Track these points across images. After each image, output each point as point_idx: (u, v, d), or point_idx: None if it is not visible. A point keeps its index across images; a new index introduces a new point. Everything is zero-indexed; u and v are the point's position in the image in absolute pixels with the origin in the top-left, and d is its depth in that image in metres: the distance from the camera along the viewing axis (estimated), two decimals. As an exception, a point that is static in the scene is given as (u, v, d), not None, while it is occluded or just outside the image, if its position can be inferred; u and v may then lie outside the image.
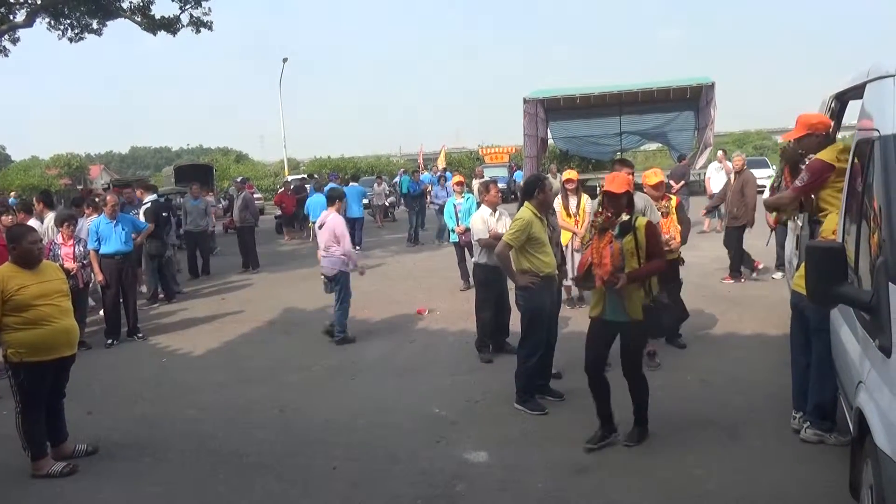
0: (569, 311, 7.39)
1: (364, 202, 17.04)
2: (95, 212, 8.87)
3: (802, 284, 3.07)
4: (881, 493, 2.50)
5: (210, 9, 17.86)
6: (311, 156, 51.84)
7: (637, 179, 5.97)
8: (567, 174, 7.77)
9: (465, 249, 9.00)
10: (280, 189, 20.77)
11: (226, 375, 6.43)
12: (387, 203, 21.69)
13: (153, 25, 17.46)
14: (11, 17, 16.69)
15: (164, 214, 11.41)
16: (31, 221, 7.69)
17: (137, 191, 11.16)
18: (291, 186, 19.57)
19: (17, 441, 4.43)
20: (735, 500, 3.62)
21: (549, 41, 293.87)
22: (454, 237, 9.51)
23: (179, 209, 12.93)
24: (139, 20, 17.38)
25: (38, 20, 16.98)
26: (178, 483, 4.25)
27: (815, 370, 4.03)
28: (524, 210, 5.03)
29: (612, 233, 4.15)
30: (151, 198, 10.60)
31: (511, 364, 5.32)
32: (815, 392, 4.05)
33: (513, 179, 25.60)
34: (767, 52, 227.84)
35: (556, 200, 7.06)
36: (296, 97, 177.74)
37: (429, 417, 5.05)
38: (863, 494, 2.90)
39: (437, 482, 4.02)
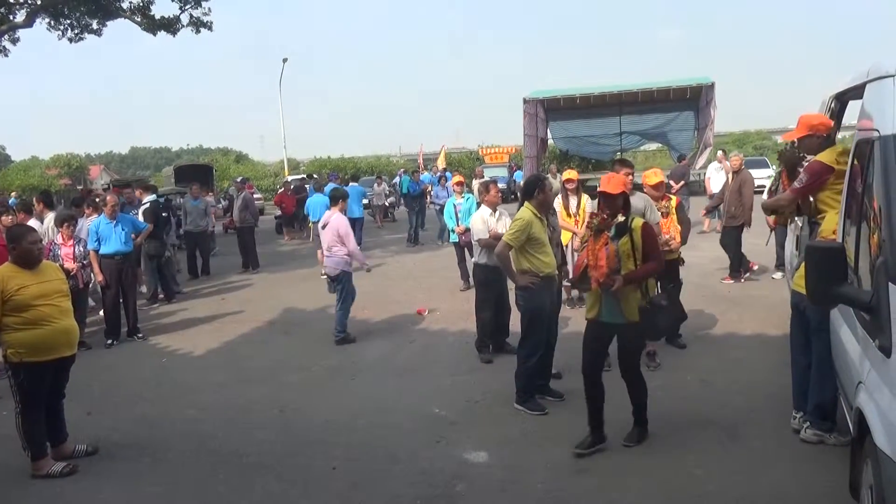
0: (569, 312, 7.39)
1: (364, 202, 17.04)
2: (95, 212, 8.88)
3: (803, 284, 3.07)
4: (881, 493, 2.50)
5: (210, 9, 17.89)
6: (311, 156, 51.87)
7: (637, 179, 5.98)
8: (567, 174, 7.77)
9: (465, 249, 9.00)
10: (280, 189, 20.78)
11: (226, 375, 6.44)
12: (387, 203, 21.70)
13: (153, 25, 17.48)
14: (11, 17, 16.70)
15: (164, 215, 11.43)
16: (31, 222, 7.69)
17: (137, 191, 11.17)
18: (291, 186, 19.57)
19: (17, 441, 4.43)
20: (735, 500, 3.62)
21: (549, 41, 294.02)
22: (454, 237, 9.52)
23: (179, 209, 12.94)
24: (139, 20, 17.39)
25: (38, 20, 16.99)
26: (178, 483, 4.25)
27: (816, 370, 4.02)
28: (524, 210, 5.03)
29: (608, 234, 4.12)
30: (150, 198, 10.60)
31: (511, 364, 5.32)
32: (816, 392, 4.05)
33: (513, 179, 25.60)
34: (767, 52, 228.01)
35: (557, 200, 7.06)
36: (296, 97, 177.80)
37: (429, 417, 5.05)
38: (863, 494, 2.90)
39: (437, 482, 4.02)
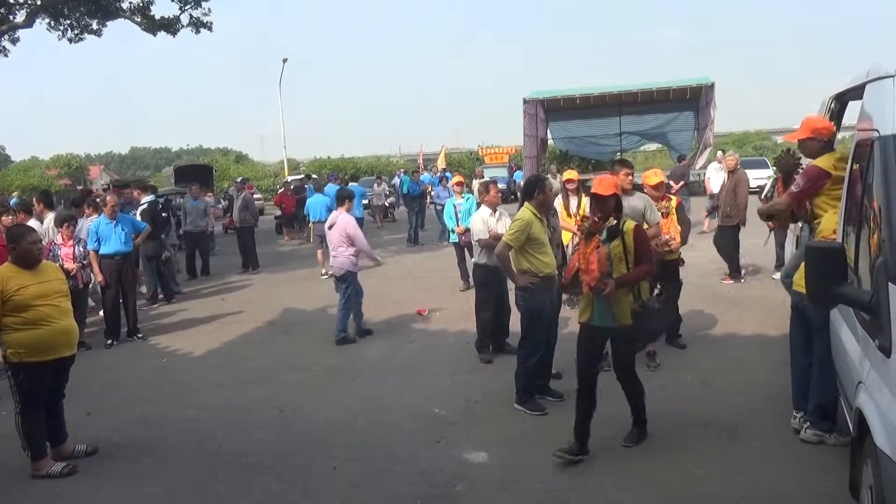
0: (569, 312, 7.37)
1: (364, 202, 17.05)
2: (96, 212, 8.88)
3: (804, 284, 3.07)
4: (881, 493, 2.50)
5: (210, 9, 17.90)
6: (311, 156, 51.91)
7: (637, 180, 5.97)
8: (567, 174, 7.76)
9: (465, 250, 9.00)
10: (280, 189, 20.78)
11: (226, 376, 6.44)
12: (387, 203, 21.71)
13: (153, 26, 17.48)
14: (11, 18, 16.70)
15: (164, 215, 11.43)
16: (31, 222, 7.68)
17: (135, 191, 11.15)
18: (291, 187, 19.57)
19: (17, 441, 4.43)
20: (735, 500, 3.62)
21: (549, 41, 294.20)
22: (454, 237, 9.52)
23: (179, 210, 12.93)
24: (139, 20, 17.39)
25: (38, 20, 16.99)
26: (178, 483, 4.25)
27: (817, 370, 4.02)
28: (524, 210, 5.03)
29: (600, 238, 4.06)
30: (149, 198, 10.58)
31: (511, 364, 5.32)
32: (817, 392, 4.05)
33: (513, 180, 25.58)
34: (767, 52, 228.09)
35: (557, 200, 7.05)
36: (296, 97, 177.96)
37: (429, 418, 5.05)
38: (863, 494, 2.90)
39: (437, 482, 4.02)
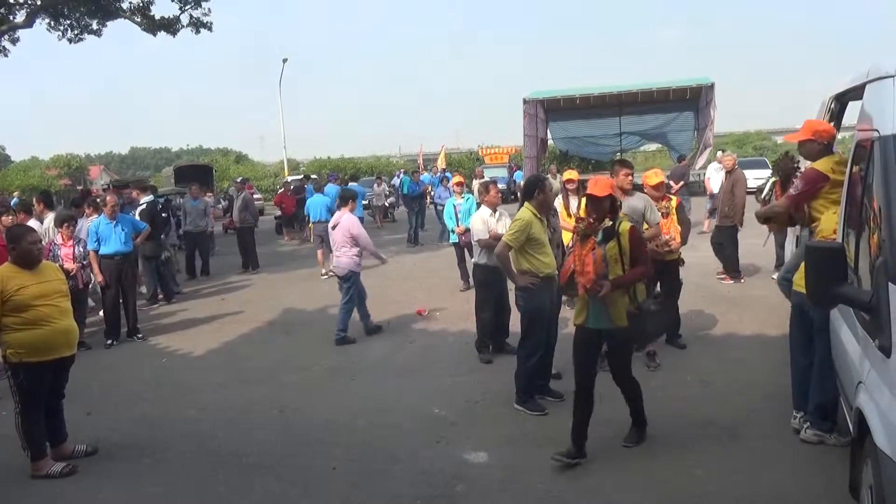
0: (569, 312, 7.31)
1: (364, 203, 17.04)
2: (96, 212, 8.87)
3: (804, 284, 3.07)
4: (881, 494, 2.50)
5: (210, 9, 17.91)
6: (311, 156, 51.91)
7: (637, 180, 5.97)
8: (567, 174, 7.77)
9: (465, 250, 9.00)
10: (280, 189, 20.78)
11: (225, 376, 6.43)
12: (386, 203, 21.71)
13: (153, 26, 17.48)
14: (11, 18, 16.71)
15: (164, 215, 11.42)
16: (31, 222, 7.68)
17: (134, 191, 11.14)
18: (291, 187, 19.58)
19: (17, 441, 4.43)
20: (735, 500, 3.62)
21: (549, 41, 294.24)
22: (454, 238, 9.52)
23: (179, 210, 12.93)
24: (139, 21, 17.40)
25: (38, 21, 17.00)
26: (178, 483, 4.25)
27: (818, 370, 4.02)
28: (524, 210, 5.03)
29: (595, 239, 4.03)
30: (148, 199, 10.57)
31: (511, 364, 5.32)
32: (817, 392, 4.05)
33: (513, 180, 25.58)
34: (767, 53, 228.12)
35: (557, 201, 7.06)
36: (296, 97, 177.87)
37: (429, 418, 5.05)
38: (863, 495, 2.90)
39: (437, 482, 4.02)
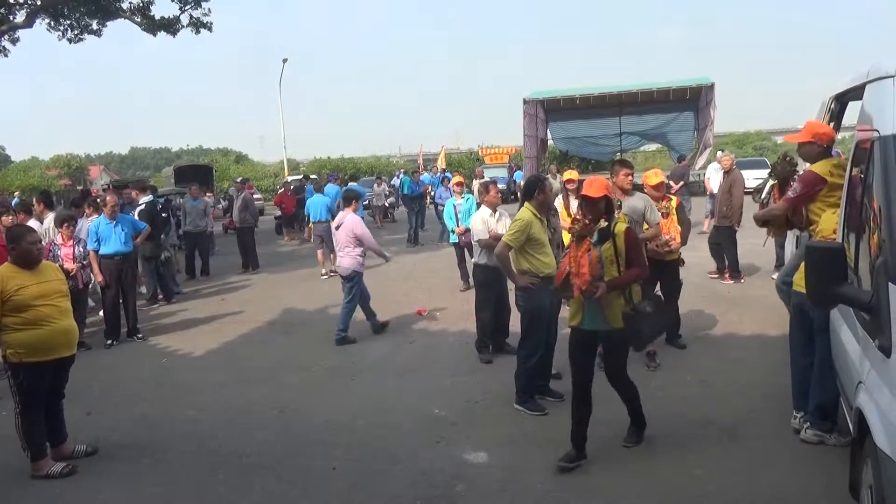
0: (568, 312, 7.38)
1: (364, 203, 17.04)
2: (96, 212, 8.87)
3: (804, 284, 3.07)
4: (881, 494, 2.50)
5: (210, 9, 17.93)
6: (311, 156, 51.91)
7: (637, 180, 5.97)
8: (568, 174, 7.76)
9: (465, 250, 9.00)
10: (280, 190, 20.79)
11: (225, 376, 6.43)
12: (386, 203, 21.72)
13: (153, 26, 17.50)
14: (11, 18, 16.72)
15: (164, 215, 11.42)
16: (31, 222, 7.68)
17: (133, 192, 11.14)
18: (291, 187, 19.58)
19: (17, 441, 4.43)
20: (735, 500, 3.62)
21: (549, 41, 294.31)
22: (454, 238, 9.51)
23: (179, 210, 12.93)
24: (139, 21, 17.41)
25: (38, 21, 17.01)
26: (178, 483, 4.25)
27: (819, 370, 4.02)
28: (524, 211, 5.03)
29: (591, 240, 4.01)
30: (146, 199, 10.56)
31: (511, 364, 5.32)
32: (817, 392, 4.05)
33: (513, 180, 25.59)
34: (767, 53, 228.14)
35: (557, 201, 7.05)
36: (296, 98, 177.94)
37: (429, 418, 5.05)
38: (863, 495, 2.90)
39: (437, 482, 4.02)
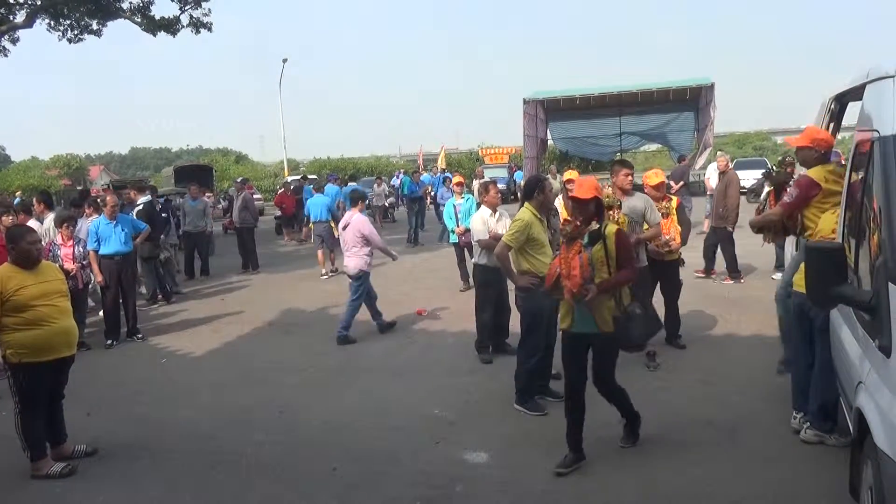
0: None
1: (364, 203, 17.03)
2: (96, 212, 8.87)
3: (804, 285, 3.07)
4: (881, 494, 2.49)
5: (210, 10, 17.97)
6: (311, 156, 51.92)
7: (637, 180, 5.98)
8: (568, 174, 7.76)
9: (465, 250, 9.00)
10: (280, 190, 20.79)
11: (225, 376, 6.43)
12: (386, 204, 21.72)
13: (153, 26, 17.52)
14: (11, 18, 16.73)
15: (164, 215, 11.42)
16: (31, 222, 7.68)
17: (131, 192, 11.14)
18: (291, 187, 19.58)
19: (17, 441, 4.43)
20: (735, 501, 3.62)
21: (550, 41, 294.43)
22: (454, 238, 9.51)
23: (179, 210, 12.92)
24: (139, 21, 17.43)
25: (38, 21, 17.03)
26: (178, 484, 4.24)
27: (819, 371, 4.01)
28: (524, 211, 5.03)
29: (582, 242, 3.98)
30: (145, 199, 10.55)
31: (511, 365, 5.31)
32: (818, 392, 4.04)
33: (513, 180, 25.61)
34: (767, 53, 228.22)
35: (557, 201, 7.05)
36: (296, 98, 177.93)
37: (428, 418, 5.05)
38: (863, 495, 2.90)
39: (437, 483, 4.02)
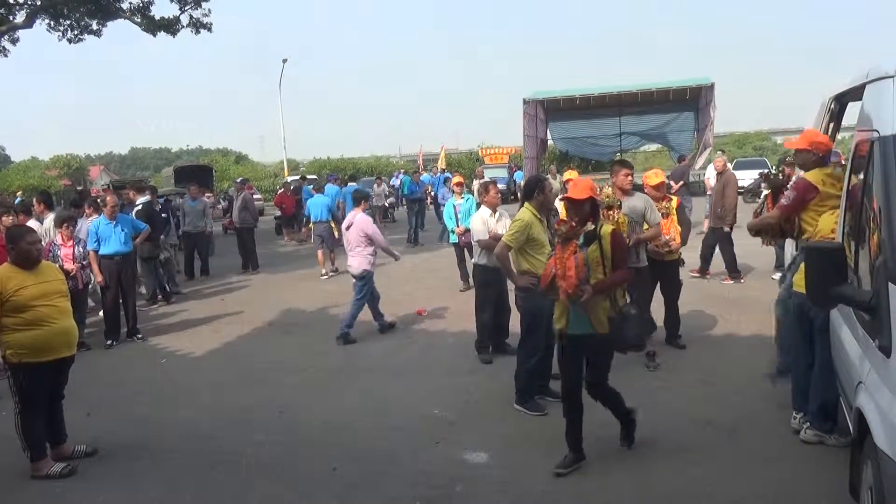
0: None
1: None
2: (96, 212, 8.87)
3: (804, 285, 3.07)
4: (881, 494, 2.49)
5: (210, 10, 17.98)
6: (311, 157, 51.94)
7: (637, 180, 5.98)
8: (568, 174, 7.78)
9: (465, 250, 9.00)
10: (280, 190, 20.80)
11: (225, 376, 6.43)
12: (386, 204, 21.73)
13: (153, 26, 17.53)
14: (11, 18, 16.73)
15: (164, 215, 11.41)
16: (31, 222, 7.68)
17: (130, 192, 11.13)
18: (291, 187, 19.58)
19: (17, 442, 4.43)
20: (735, 501, 3.62)
21: (550, 41, 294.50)
22: (454, 238, 9.51)
23: (178, 210, 12.92)
24: (139, 21, 17.43)
25: (38, 21, 17.03)
26: (178, 484, 4.24)
27: (820, 371, 4.01)
28: (524, 211, 5.03)
29: (577, 242, 3.96)
30: (143, 199, 10.55)
31: (510, 365, 5.31)
32: (819, 392, 4.04)
33: (513, 180, 25.59)
34: (767, 53, 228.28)
35: (558, 201, 7.05)
36: (296, 98, 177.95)
37: (428, 418, 5.05)
38: (863, 495, 2.90)
39: (437, 483, 4.02)
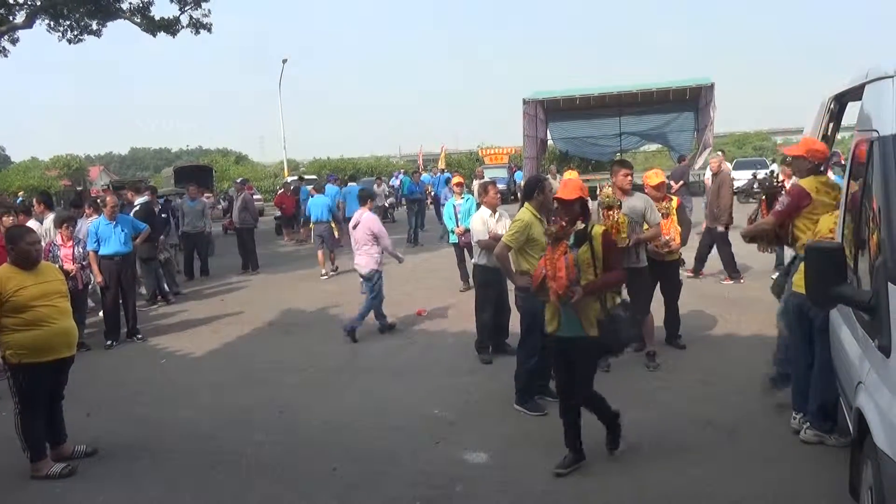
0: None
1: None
2: (96, 213, 8.87)
3: (804, 285, 3.07)
4: (881, 494, 2.49)
5: (209, 10, 17.97)
6: (311, 157, 51.97)
7: (637, 180, 5.98)
8: (568, 174, 7.78)
9: (465, 250, 9.00)
10: (280, 190, 20.80)
11: (225, 376, 6.43)
12: (386, 204, 21.74)
13: (153, 26, 17.52)
14: (11, 18, 16.73)
15: (164, 216, 11.41)
16: (31, 222, 7.68)
17: (128, 193, 11.12)
18: (291, 188, 19.59)
19: (17, 442, 4.43)
20: (735, 501, 3.62)
21: (549, 41, 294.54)
22: (454, 238, 9.51)
23: (178, 210, 12.91)
24: (139, 21, 17.43)
25: (38, 21, 17.03)
26: (178, 484, 4.24)
27: (820, 371, 4.01)
28: (523, 211, 5.03)
29: (567, 243, 3.94)
30: (142, 199, 10.54)
31: (510, 365, 5.31)
32: (819, 393, 4.05)
33: (513, 180, 25.59)
34: (767, 53, 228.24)
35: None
36: (296, 98, 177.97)
37: (428, 418, 5.05)
38: (863, 495, 2.90)
39: (437, 483, 4.02)
